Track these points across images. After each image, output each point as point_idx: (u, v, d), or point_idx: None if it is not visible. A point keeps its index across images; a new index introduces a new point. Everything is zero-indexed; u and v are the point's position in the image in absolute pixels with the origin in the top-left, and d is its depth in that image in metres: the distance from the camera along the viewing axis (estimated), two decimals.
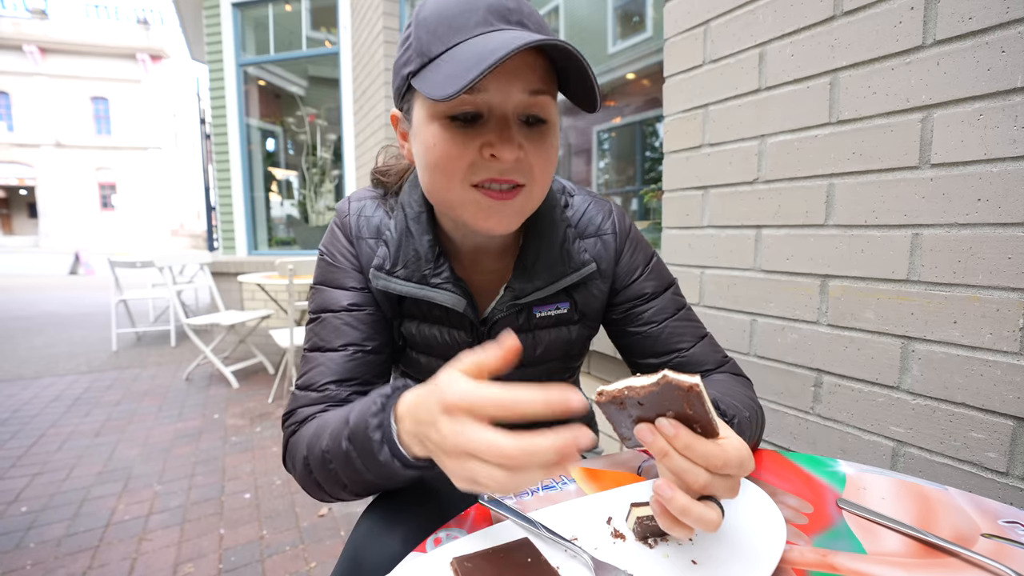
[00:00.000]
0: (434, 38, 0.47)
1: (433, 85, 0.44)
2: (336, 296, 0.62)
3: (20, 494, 1.91)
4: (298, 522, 1.73)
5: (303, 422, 0.57)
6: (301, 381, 0.61)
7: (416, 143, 0.53)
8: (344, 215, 0.65)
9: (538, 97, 0.48)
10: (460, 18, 0.46)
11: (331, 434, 0.50)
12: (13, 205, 29.59)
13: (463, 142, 0.48)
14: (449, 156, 0.48)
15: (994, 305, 0.64)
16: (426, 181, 0.54)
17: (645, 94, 2.03)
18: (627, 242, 0.67)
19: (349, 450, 0.47)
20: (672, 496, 0.37)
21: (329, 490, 0.53)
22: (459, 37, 0.46)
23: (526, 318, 0.64)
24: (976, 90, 0.64)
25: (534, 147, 0.50)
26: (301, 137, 4.91)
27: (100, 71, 26.08)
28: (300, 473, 0.55)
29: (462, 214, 0.52)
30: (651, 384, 0.37)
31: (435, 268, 0.59)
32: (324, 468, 0.51)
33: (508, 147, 0.47)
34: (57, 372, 3.63)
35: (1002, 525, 0.46)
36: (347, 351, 0.60)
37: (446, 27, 0.47)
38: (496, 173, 0.49)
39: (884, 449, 0.77)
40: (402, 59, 0.50)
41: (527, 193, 0.51)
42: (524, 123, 0.49)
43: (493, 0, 0.47)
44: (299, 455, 0.54)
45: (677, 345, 0.66)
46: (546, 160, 0.51)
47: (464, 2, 0.47)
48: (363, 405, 0.47)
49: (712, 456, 0.37)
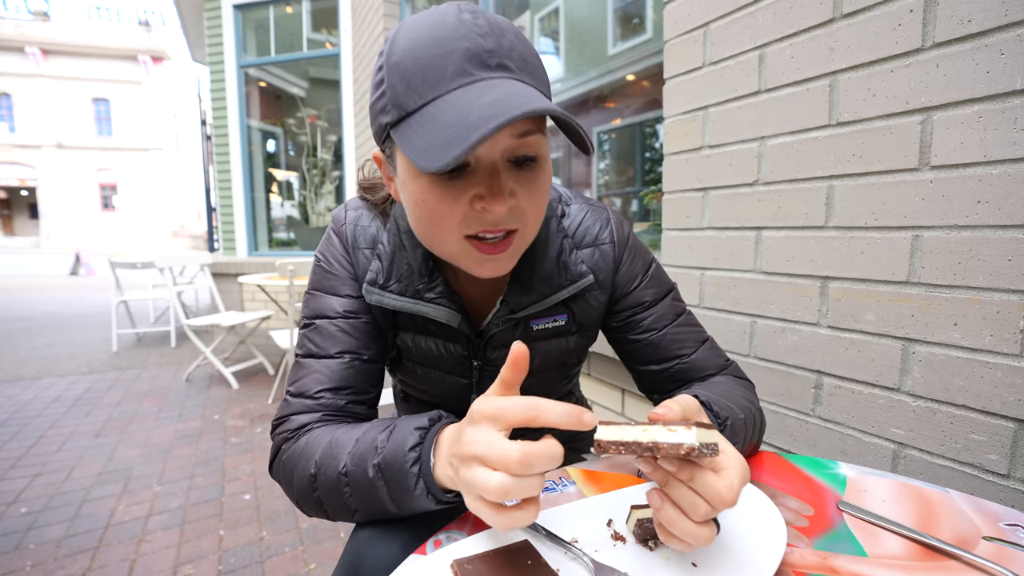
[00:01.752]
0: (409, 90, 0.43)
1: (416, 151, 0.42)
2: (332, 302, 0.61)
3: (20, 495, 1.91)
4: (298, 523, 1.72)
5: (297, 431, 0.56)
6: (294, 388, 0.59)
7: (403, 192, 0.50)
8: (340, 223, 0.64)
9: (527, 138, 0.45)
10: (435, 68, 0.42)
11: (353, 457, 0.48)
12: (14, 206, 29.63)
13: (452, 197, 0.46)
14: (439, 212, 0.46)
15: (994, 307, 0.64)
16: (417, 230, 0.52)
17: (645, 96, 2.03)
18: (626, 251, 0.66)
19: (376, 479, 0.46)
20: (662, 507, 0.38)
21: (332, 512, 0.52)
22: (435, 91, 0.43)
23: (523, 331, 0.63)
24: (975, 92, 0.64)
25: (526, 191, 0.47)
26: (302, 138, 4.91)
27: (101, 72, 26.14)
28: (299, 488, 0.53)
29: (456, 261, 0.51)
30: (646, 456, 0.37)
31: (429, 283, 0.58)
32: (336, 491, 0.49)
33: (499, 200, 0.45)
34: (57, 373, 3.63)
35: (1003, 528, 0.46)
36: (343, 359, 0.59)
37: (420, 78, 0.43)
38: (489, 224, 0.47)
39: (885, 451, 0.77)
40: (377, 105, 0.47)
41: (520, 236, 0.50)
42: (514, 164, 0.47)
43: (470, 42, 0.43)
44: (302, 471, 0.52)
45: (678, 351, 0.65)
46: (538, 200, 0.49)
47: (438, 44, 0.43)
48: (398, 435, 0.47)
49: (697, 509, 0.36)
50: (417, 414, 0.49)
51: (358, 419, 0.59)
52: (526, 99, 0.40)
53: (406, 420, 0.49)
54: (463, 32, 0.43)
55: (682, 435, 0.35)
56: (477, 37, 0.43)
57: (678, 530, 0.37)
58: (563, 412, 0.36)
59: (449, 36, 0.43)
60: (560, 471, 0.60)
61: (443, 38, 0.43)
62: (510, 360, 0.40)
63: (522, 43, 0.46)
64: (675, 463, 0.37)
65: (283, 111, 5.02)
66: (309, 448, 0.53)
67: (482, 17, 0.45)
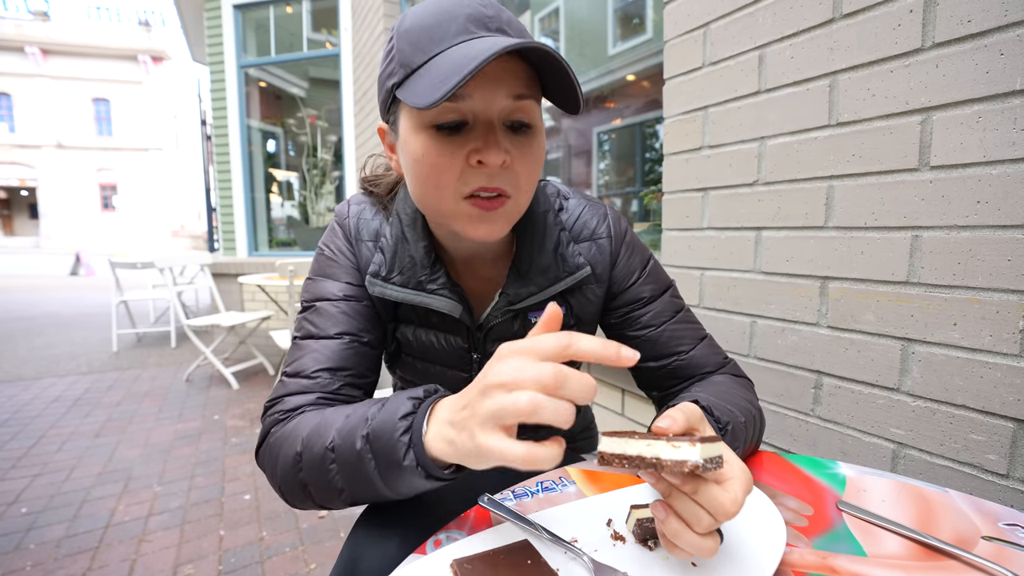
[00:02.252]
0: (415, 49, 0.47)
1: (416, 95, 0.45)
2: (333, 286, 0.62)
3: (20, 495, 1.91)
4: (298, 523, 1.72)
5: (290, 412, 0.54)
6: (290, 368, 0.58)
7: (404, 154, 0.53)
8: (344, 216, 0.65)
9: (522, 102, 0.49)
10: (440, 28, 0.47)
11: (341, 431, 0.46)
12: (14, 206, 29.63)
13: (450, 151, 0.48)
14: (438, 166, 0.49)
15: (994, 307, 0.64)
16: (417, 193, 0.54)
17: (645, 96, 2.03)
18: (623, 246, 0.67)
19: (363, 450, 0.44)
20: (666, 519, 0.38)
21: (316, 494, 0.49)
22: (440, 47, 0.47)
23: (521, 323, 0.64)
24: (975, 93, 0.64)
25: (520, 153, 0.50)
26: (302, 138, 4.92)
27: (101, 72, 26.14)
28: (283, 470, 0.50)
29: (453, 224, 0.53)
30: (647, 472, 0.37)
31: (431, 274, 0.59)
32: (321, 468, 0.47)
33: (494, 151, 0.48)
34: (58, 373, 3.63)
35: (1002, 527, 0.46)
36: (343, 339, 0.59)
37: (427, 38, 0.47)
38: (484, 181, 0.49)
39: (884, 451, 0.77)
40: (386, 71, 0.51)
41: (513, 202, 0.52)
42: (509, 129, 0.50)
43: (472, 9, 0.48)
44: (287, 450, 0.49)
45: (677, 348, 0.66)
46: (532, 166, 0.52)
47: (443, 12, 0.48)
48: (390, 405, 0.45)
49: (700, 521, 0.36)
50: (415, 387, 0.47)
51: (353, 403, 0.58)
52: (519, 42, 0.43)
53: (401, 392, 0.46)
54: (468, 1, 0.48)
55: (686, 452, 0.34)
56: (479, 6, 0.49)
57: (682, 542, 0.37)
58: (599, 345, 0.35)
59: (454, 4, 0.48)
60: (560, 471, 0.60)
61: (448, 7, 0.48)
62: (543, 320, 0.38)
63: (520, 23, 0.51)
64: (679, 477, 0.37)
65: (283, 111, 5.02)
66: (298, 428, 0.50)
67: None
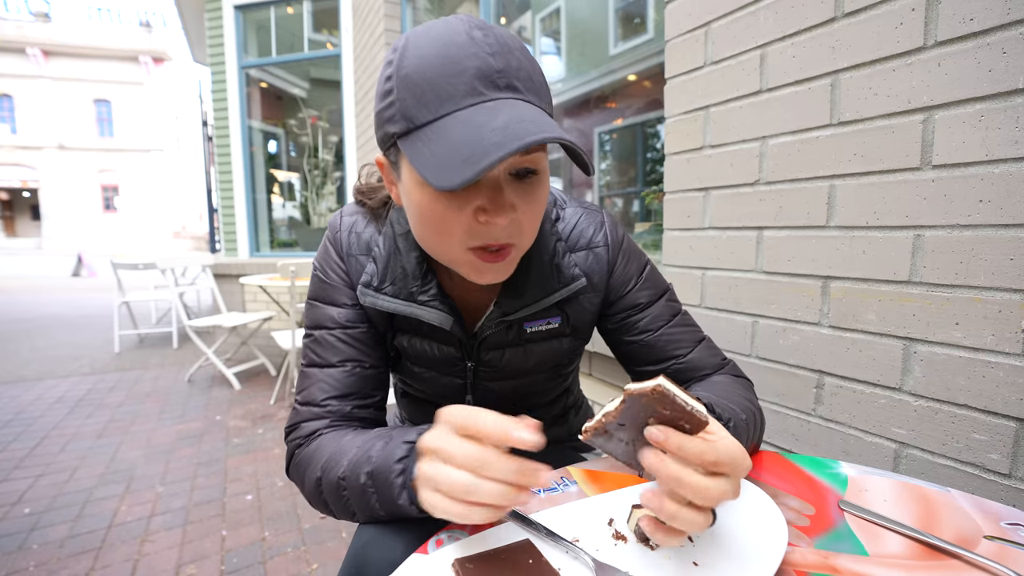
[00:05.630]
0: (419, 104, 0.44)
1: (428, 168, 0.43)
2: (330, 312, 0.63)
3: (23, 495, 1.91)
4: (300, 524, 1.73)
5: (308, 437, 0.58)
6: (301, 397, 0.62)
7: (407, 200, 0.51)
8: (336, 231, 0.65)
9: (530, 155, 0.47)
10: (446, 85, 0.44)
11: (350, 463, 0.51)
12: (16, 207, 29.71)
13: (457, 207, 0.47)
14: (444, 220, 0.48)
15: (996, 306, 0.64)
16: (419, 236, 0.53)
17: (646, 95, 2.03)
18: (620, 254, 0.67)
19: (367, 485, 0.49)
20: (661, 504, 0.38)
21: (336, 512, 0.55)
22: (446, 108, 0.44)
23: (516, 333, 0.64)
24: (977, 91, 0.64)
25: (525, 204, 0.49)
26: (303, 139, 4.92)
27: (103, 73, 26.19)
28: (309, 490, 0.56)
29: (458, 269, 0.53)
30: (619, 404, 0.38)
31: (422, 285, 0.59)
32: (337, 494, 0.52)
33: (501, 213, 0.46)
34: (60, 374, 3.64)
35: (1004, 527, 0.46)
36: (345, 367, 0.61)
37: (432, 94, 0.44)
38: (491, 239, 0.49)
39: (886, 451, 0.77)
40: (385, 114, 0.48)
41: (517, 249, 0.52)
42: (515, 176, 0.48)
43: (480, 61, 0.44)
44: (311, 474, 0.55)
45: (674, 351, 0.66)
46: (537, 211, 0.51)
47: (449, 63, 0.44)
48: (390, 447, 0.49)
49: (705, 452, 0.37)
50: (414, 427, 0.51)
51: (365, 423, 0.61)
52: (536, 126, 0.42)
53: (401, 433, 0.51)
54: (474, 51, 0.44)
55: (649, 383, 0.36)
56: (487, 56, 0.45)
57: (668, 514, 0.37)
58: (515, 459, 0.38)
59: (460, 54, 0.44)
60: (561, 471, 0.60)
61: (454, 56, 0.44)
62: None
63: (528, 61, 0.48)
64: (663, 431, 0.37)
65: (284, 112, 5.03)
66: (318, 453, 0.56)
67: (491, 34, 0.46)
